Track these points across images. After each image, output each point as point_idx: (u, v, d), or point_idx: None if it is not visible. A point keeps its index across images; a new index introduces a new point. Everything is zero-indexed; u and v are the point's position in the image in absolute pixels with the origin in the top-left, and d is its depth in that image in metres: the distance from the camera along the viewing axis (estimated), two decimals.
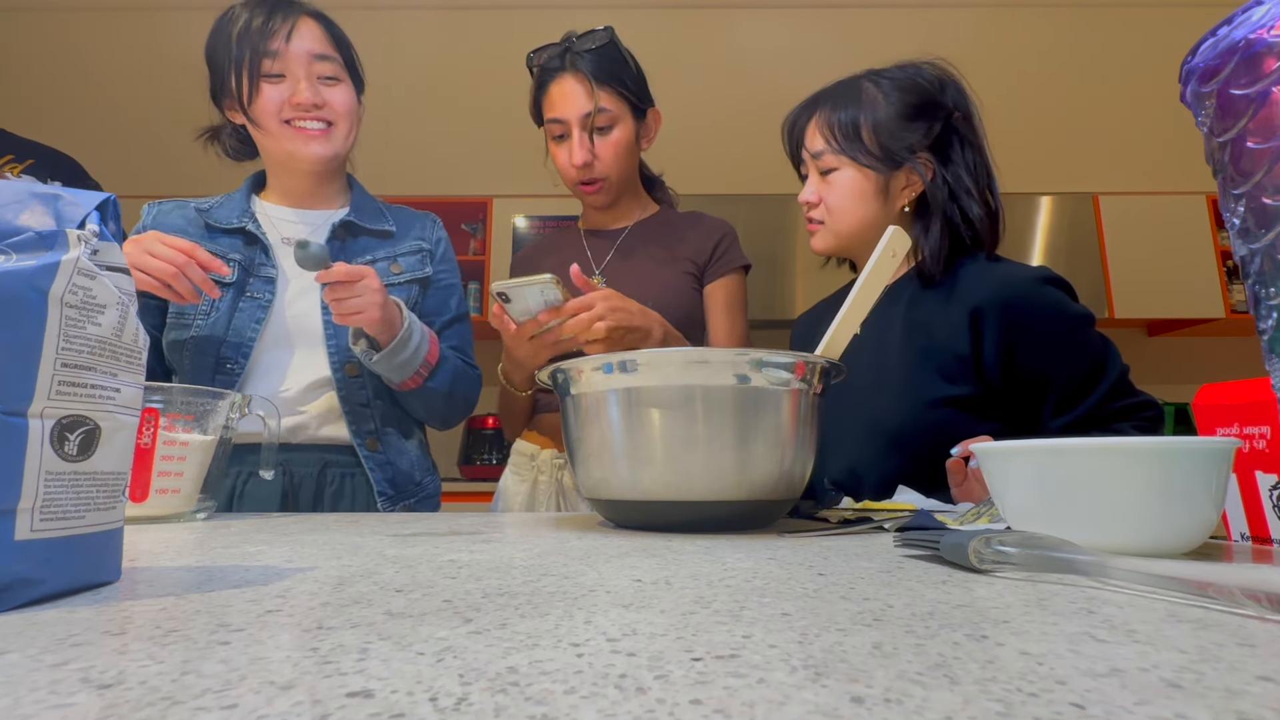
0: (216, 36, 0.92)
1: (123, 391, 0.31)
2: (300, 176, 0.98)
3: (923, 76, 0.86)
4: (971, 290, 0.81)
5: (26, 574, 0.27)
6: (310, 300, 0.94)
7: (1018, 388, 0.79)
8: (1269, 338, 0.34)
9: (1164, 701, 0.16)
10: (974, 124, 0.87)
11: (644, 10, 3.15)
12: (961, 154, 0.85)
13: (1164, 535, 0.38)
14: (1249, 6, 0.33)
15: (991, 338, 0.78)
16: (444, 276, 1.04)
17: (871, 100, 0.85)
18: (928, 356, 0.81)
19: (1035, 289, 0.79)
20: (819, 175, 0.89)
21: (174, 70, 3.20)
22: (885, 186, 0.86)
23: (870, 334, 0.89)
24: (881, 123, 0.84)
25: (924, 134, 0.84)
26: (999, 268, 0.82)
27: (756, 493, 0.53)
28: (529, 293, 0.78)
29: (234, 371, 0.89)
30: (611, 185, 1.05)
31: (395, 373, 0.90)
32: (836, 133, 0.86)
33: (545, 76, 1.04)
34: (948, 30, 3.13)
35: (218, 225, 0.94)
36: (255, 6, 0.91)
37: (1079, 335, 0.78)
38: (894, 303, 0.88)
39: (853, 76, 0.89)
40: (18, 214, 0.28)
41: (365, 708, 0.16)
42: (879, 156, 0.84)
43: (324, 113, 0.92)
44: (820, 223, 0.90)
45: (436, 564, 0.37)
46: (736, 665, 0.19)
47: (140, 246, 0.79)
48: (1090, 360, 0.77)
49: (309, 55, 0.91)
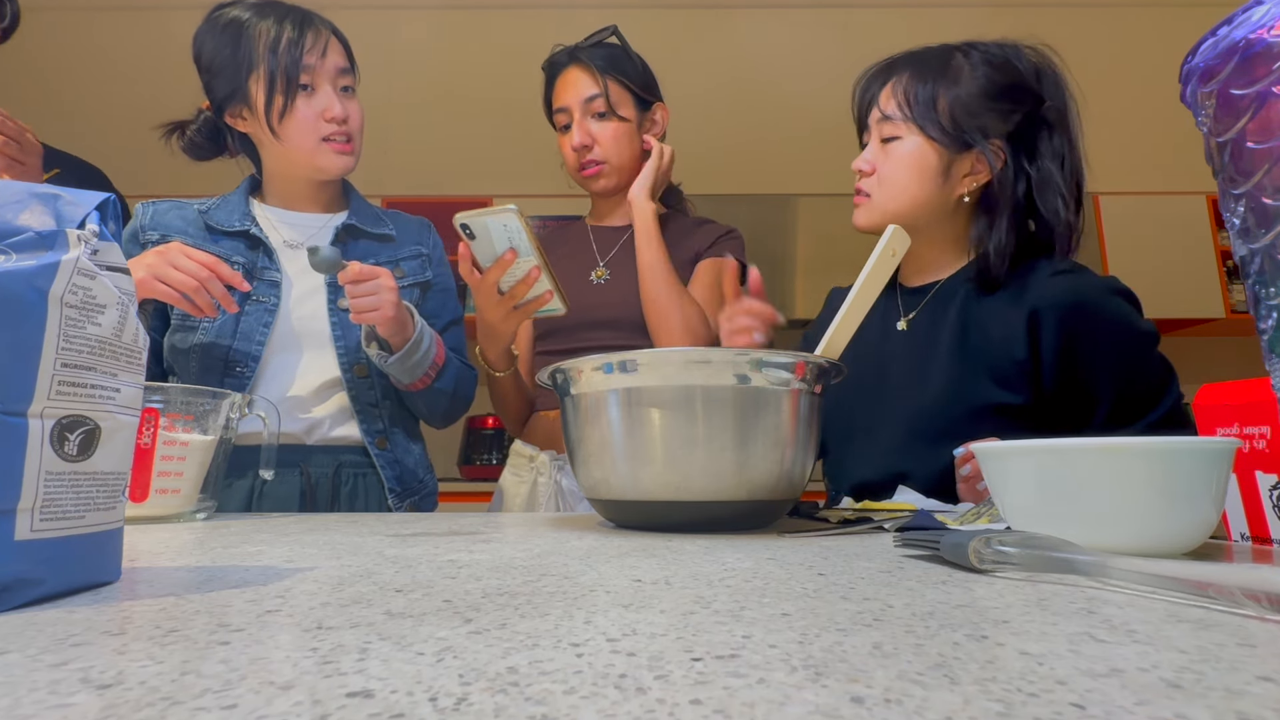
0: (221, 40, 0.91)
1: (123, 391, 0.31)
2: (304, 183, 0.98)
3: (1019, 59, 0.80)
4: (1033, 292, 0.75)
5: (26, 574, 0.27)
6: (316, 302, 0.94)
7: (1069, 398, 0.74)
8: (1269, 338, 0.34)
9: (1164, 701, 0.16)
10: (1068, 121, 0.80)
11: (645, 10, 3.15)
12: (1050, 147, 0.79)
13: (1164, 535, 0.38)
14: (1249, 6, 0.33)
15: (1050, 342, 0.73)
16: (441, 280, 1.06)
17: (956, 72, 0.79)
18: (980, 359, 0.76)
19: (1102, 297, 0.74)
20: (880, 143, 0.83)
21: (174, 70, 3.20)
22: (948, 167, 0.79)
23: (915, 327, 0.84)
24: (961, 98, 0.78)
25: (1003, 118, 0.78)
26: (1068, 275, 0.76)
27: (756, 493, 0.53)
28: (491, 226, 0.76)
29: (244, 375, 0.89)
30: (611, 170, 1.06)
31: (406, 374, 0.91)
32: (911, 99, 0.80)
33: (553, 72, 1.08)
34: (948, 30, 3.11)
35: (219, 228, 0.94)
36: (278, 18, 0.91)
37: (1141, 353, 0.73)
38: (947, 300, 0.83)
39: (943, 44, 0.84)
40: (18, 214, 0.28)
41: (365, 708, 0.16)
42: (949, 132, 0.78)
43: (347, 126, 0.94)
44: (868, 195, 0.83)
45: (436, 564, 0.37)
46: (736, 665, 0.19)
47: (164, 258, 0.80)
48: (1148, 382, 0.73)
49: (336, 69, 0.93)
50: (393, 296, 0.84)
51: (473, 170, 3.12)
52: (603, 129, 1.04)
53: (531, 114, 1.12)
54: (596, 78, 1.03)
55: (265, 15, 0.90)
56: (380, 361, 0.89)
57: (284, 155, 0.94)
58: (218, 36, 0.91)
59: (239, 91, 0.91)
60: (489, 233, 0.77)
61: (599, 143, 1.04)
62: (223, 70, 0.91)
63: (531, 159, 1.45)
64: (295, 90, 0.90)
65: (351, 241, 0.99)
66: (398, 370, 0.90)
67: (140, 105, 2.90)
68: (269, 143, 0.93)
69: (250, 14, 0.90)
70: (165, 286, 0.79)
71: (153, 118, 0.98)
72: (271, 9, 0.91)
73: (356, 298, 0.83)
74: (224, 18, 0.91)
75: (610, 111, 1.03)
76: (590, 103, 1.03)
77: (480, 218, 0.76)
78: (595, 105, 1.03)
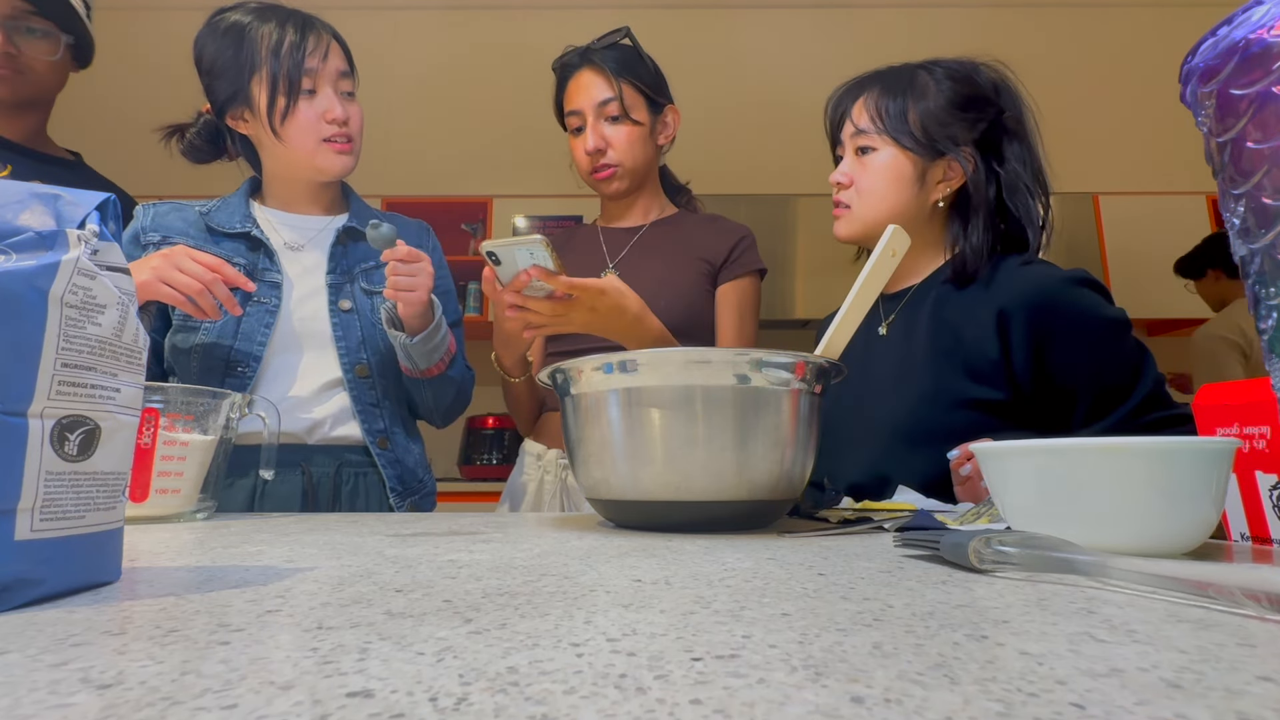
0: (223, 43, 0.91)
1: (123, 391, 0.31)
2: (304, 184, 0.99)
3: (978, 74, 0.85)
4: (1001, 291, 0.78)
5: (26, 574, 0.27)
6: (317, 303, 0.95)
7: (1047, 393, 0.76)
8: (1269, 338, 0.34)
9: (1164, 701, 0.16)
10: (1026, 126, 0.85)
11: (646, 10, 3.15)
12: (1014, 151, 0.84)
13: (1164, 535, 0.38)
14: (1249, 6, 0.33)
15: (1020, 341, 0.75)
16: (442, 282, 1.07)
17: (923, 87, 0.84)
18: (955, 357, 0.79)
19: (1065, 290, 0.76)
20: (855, 155, 0.87)
21: (172, 70, 3.20)
22: (923, 175, 0.84)
23: (894, 331, 0.87)
24: (930, 110, 0.83)
25: (970, 127, 0.83)
26: (1032, 269, 0.79)
27: (756, 493, 0.53)
28: (518, 253, 0.77)
29: (245, 375, 0.90)
30: (624, 173, 1.06)
31: (424, 358, 0.94)
32: (883, 113, 0.85)
33: (565, 74, 1.08)
34: (949, 30, 3.13)
35: (220, 229, 0.95)
36: (280, 21, 0.91)
37: (1111, 340, 0.74)
38: (921, 302, 0.86)
39: (906, 64, 0.88)
40: (18, 214, 0.28)
41: (365, 708, 0.16)
42: (922, 141, 0.83)
43: (348, 128, 0.95)
44: (847, 207, 0.88)
45: (436, 564, 0.37)
46: (736, 665, 0.19)
47: (170, 261, 0.80)
48: (1123, 367, 0.74)
49: (337, 72, 0.94)
50: (430, 281, 0.88)
51: (473, 170, 3.12)
52: (616, 132, 1.04)
53: (531, 114, 1.12)
54: (610, 81, 1.03)
55: (267, 19, 0.91)
56: (404, 342, 0.92)
57: (285, 157, 0.95)
58: (219, 40, 0.92)
59: (240, 94, 0.92)
60: (515, 260, 0.77)
61: (613, 146, 1.04)
62: (224, 72, 0.92)
63: (531, 159, 1.44)
64: (297, 92, 0.91)
65: (352, 244, 1.00)
66: (419, 352, 0.92)
67: (137, 107, 2.91)
68: (270, 144, 0.94)
69: (252, 18, 0.91)
70: (169, 289, 0.79)
71: (148, 119, 0.98)
72: (273, 13, 0.92)
73: (398, 275, 0.86)
74: (225, 21, 0.92)
75: (624, 115, 1.03)
76: (604, 106, 1.03)
77: (509, 247, 0.76)
78: (609, 109, 1.03)
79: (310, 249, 0.98)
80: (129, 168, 1.53)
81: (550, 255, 0.75)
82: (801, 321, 2.77)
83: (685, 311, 1.02)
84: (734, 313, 1.06)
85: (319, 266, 0.97)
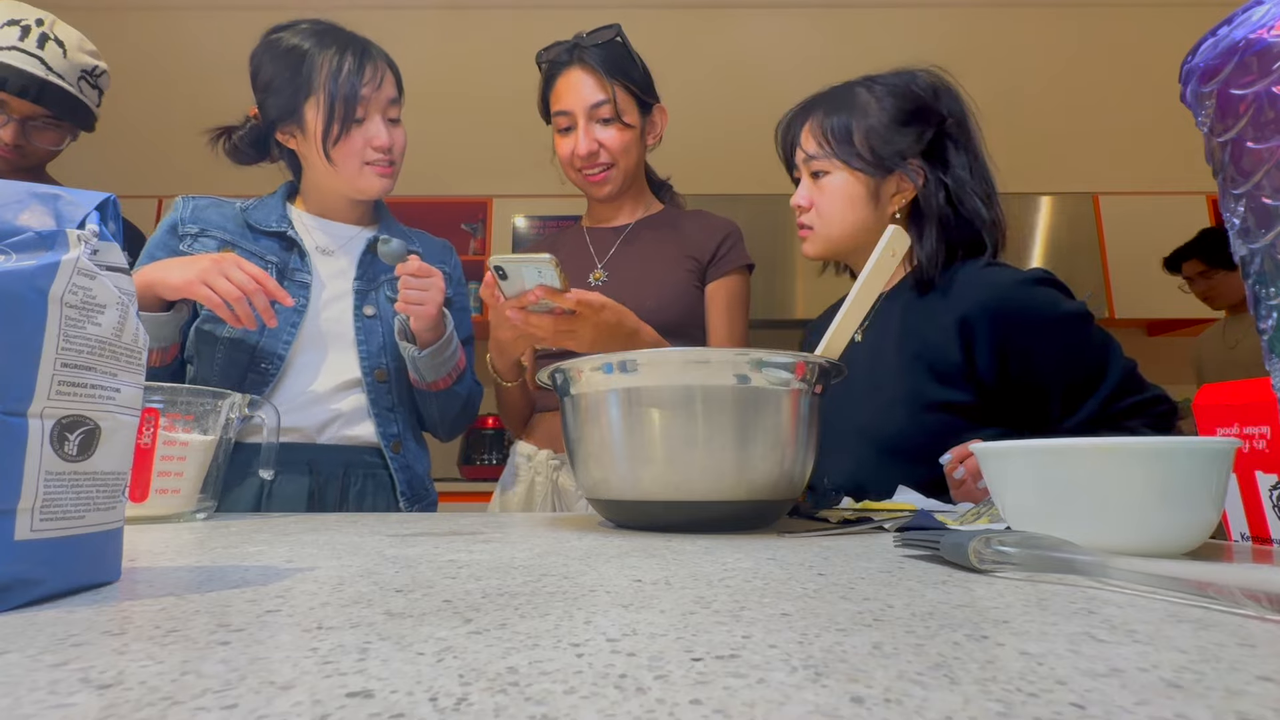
0: (281, 63, 0.92)
1: (123, 391, 0.31)
2: (342, 198, 1.01)
3: (916, 83, 0.86)
4: (961, 297, 0.80)
5: (26, 574, 0.27)
6: (342, 306, 0.97)
7: (1018, 392, 0.77)
8: (1269, 338, 0.34)
9: (1164, 701, 0.16)
10: (969, 130, 0.86)
11: (644, 10, 3.15)
12: (959, 157, 0.85)
13: (1164, 535, 0.38)
14: (1249, 6, 0.33)
15: (983, 346, 0.77)
16: (459, 300, 1.08)
17: (864, 106, 0.86)
18: (921, 362, 0.80)
19: (1023, 291, 0.77)
20: (811, 179, 0.89)
21: (171, 70, 3.20)
22: (876, 191, 0.86)
23: (868, 340, 0.89)
24: (874, 128, 0.85)
25: (915, 140, 0.84)
26: (989, 273, 0.81)
27: (756, 493, 0.53)
28: (525, 270, 0.77)
29: (268, 372, 0.91)
30: (617, 176, 1.06)
31: (432, 371, 0.95)
32: (829, 136, 0.87)
33: (553, 70, 1.06)
34: (948, 30, 3.13)
35: (258, 227, 0.97)
36: (340, 48, 0.92)
37: (1075, 334, 0.76)
38: (890, 308, 0.88)
39: (847, 83, 0.90)
40: (18, 214, 0.28)
41: (365, 708, 0.16)
42: (870, 161, 0.85)
43: (392, 154, 0.97)
44: (810, 228, 0.90)
45: (436, 564, 0.37)
46: (736, 665, 0.19)
47: (219, 266, 0.81)
48: (1089, 359, 0.76)
49: (388, 100, 0.96)
50: (440, 296, 0.90)
51: (473, 170, 3.12)
52: (608, 135, 1.03)
53: (531, 114, 1.11)
54: (603, 83, 1.01)
55: (327, 45, 0.93)
56: (413, 354, 0.93)
57: (328, 173, 0.97)
58: (278, 59, 0.93)
59: (294, 114, 0.93)
60: (522, 277, 0.77)
61: (606, 148, 1.04)
62: (280, 91, 0.93)
63: (531, 159, 1.45)
64: (352, 121, 0.93)
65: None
66: (428, 364, 0.94)
67: (139, 105, 2.91)
68: (316, 161, 0.96)
69: (312, 43, 0.93)
70: (209, 291, 0.80)
71: (148, 119, 0.98)
72: (333, 38, 0.94)
73: (410, 289, 0.88)
74: (285, 42, 0.93)
75: (616, 118, 1.03)
76: (596, 109, 1.02)
77: (517, 264, 0.76)
78: (602, 111, 1.02)
79: (340, 255, 1.00)
80: (127, 167, 1.53)
81: (558, 274, 0.75)
82: (801, 321, 2.76)
83: (676, 309, 1.02)
84: (723, 311, 1.06)
85: (347, 272, 0.99)
